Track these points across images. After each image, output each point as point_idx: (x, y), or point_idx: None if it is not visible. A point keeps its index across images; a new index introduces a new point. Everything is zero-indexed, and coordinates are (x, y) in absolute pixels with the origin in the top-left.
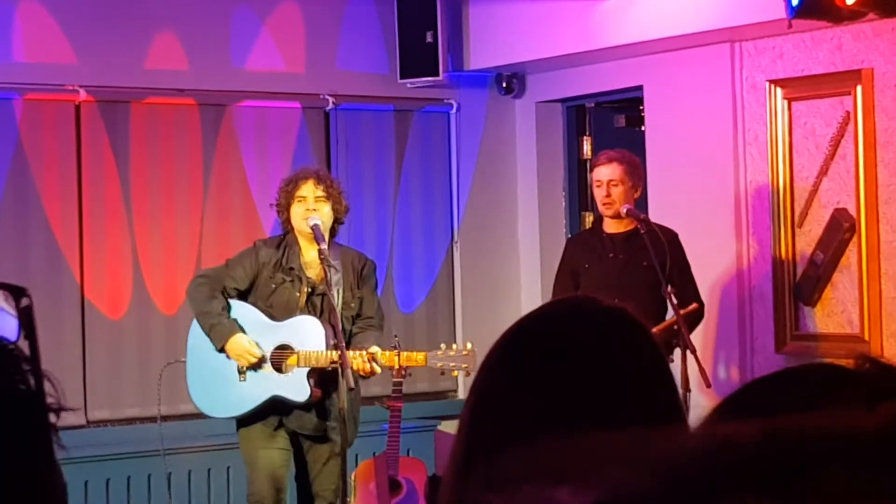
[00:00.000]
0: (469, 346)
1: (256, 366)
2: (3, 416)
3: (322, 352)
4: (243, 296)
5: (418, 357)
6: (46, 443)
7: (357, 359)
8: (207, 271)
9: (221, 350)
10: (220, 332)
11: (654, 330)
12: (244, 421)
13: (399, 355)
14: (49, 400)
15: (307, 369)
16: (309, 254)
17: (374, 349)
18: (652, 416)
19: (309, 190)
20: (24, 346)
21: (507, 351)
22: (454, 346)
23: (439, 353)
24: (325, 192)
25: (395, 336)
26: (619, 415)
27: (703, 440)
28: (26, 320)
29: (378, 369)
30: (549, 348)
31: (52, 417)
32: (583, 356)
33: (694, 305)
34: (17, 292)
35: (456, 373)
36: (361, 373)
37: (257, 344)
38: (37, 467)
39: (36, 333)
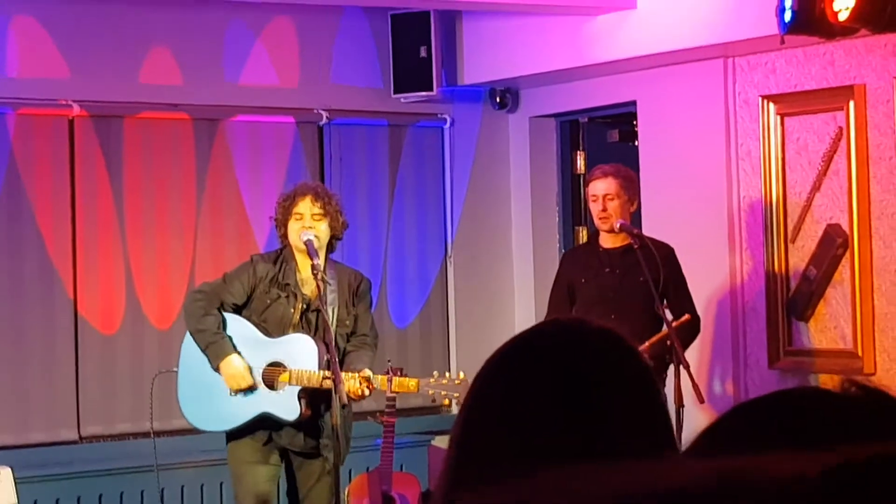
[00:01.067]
0: (462, 375)
1: None
2: None
3: (314, 372)
4: (239, 310)
5: (410, 384)
6: None
7: (350, 381)
8: (204, 286)
9: (217, 369)
10: (216, 351)
11: (646, 344)
12: (234, 435)
13: (391, 381)
14: None
15: (298, 388)
16: (305, 270)
17: (368, 373)
18: (641, 438)
19: (306, 206)
20: None
21: (496, 373)
22: (447, 375)
23: (432, 380)
24: (323, 209)
25: (389, 361)
26: (608, 438)
27: (662, 485)
28: None
29: (368, 394)
30: (538, 371)
31: None
32: (572, 379)
33: (686, 317)
34: None
35: (447, 401)
36: (353, 396)
37: (250, 369)
38: None
39: None
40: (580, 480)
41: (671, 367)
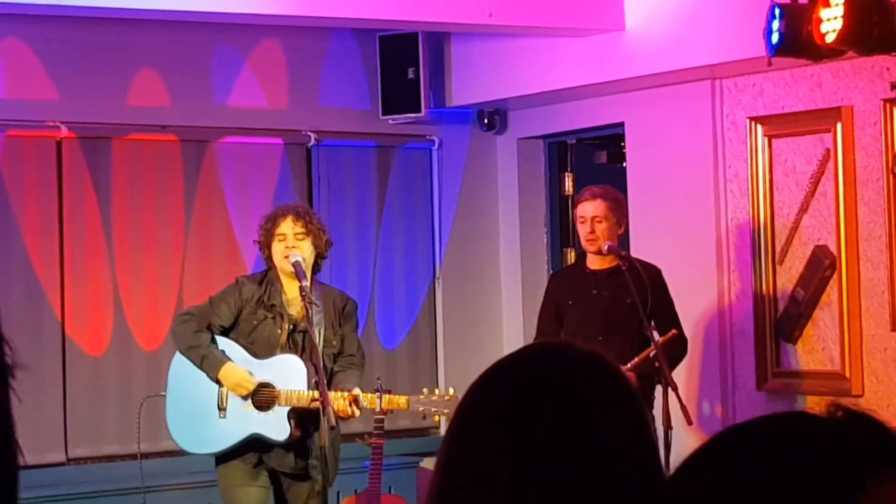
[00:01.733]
0: (451, 391)
1: (237, 403)
2: None
3: (304, 391)
4: (226, 333)
5: (400, 401)
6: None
7: (339, 400)
8: (191, 309)
9: (216, 380)
10: (213, 362)
11: (632, 363)
12: (223, 458)
13: (381, 398)
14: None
15: (288, 408)
16: (291, 291)
17: (356, 391)
18: (628, 460)
19: (288, 227)
20: None
21: (482, 396)
22: (436, 391)
23: (421, 397)
24: (305, 229)
25: (378, 379)
26: (595, 460)
27: None
28: None
29: (358, 412)
30: (523, 395)
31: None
32: (558, 402)
33: (672, 332)
34: None
35: (437, 417)
36: (342, 415)
37: (251, 373)
38: None
39: None
40: None
41: (659, 389)
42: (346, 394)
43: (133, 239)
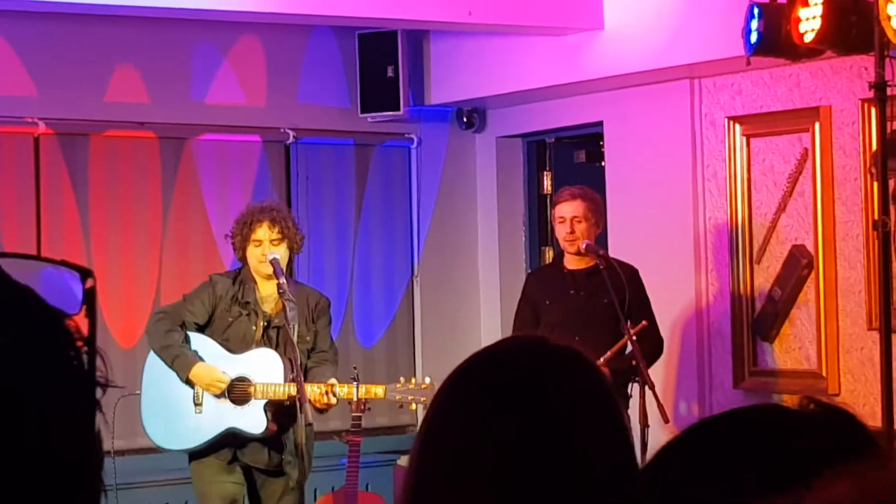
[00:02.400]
0: (428, 380)
1: (213, 397)
2: (53, 390)
3: (280, 385)
4: (201, 330)
5: (377, 390)
6: (91, 418)
7: (315, 391)
8: (165, 308)
9: (187, 381)
10: (184, 362)
11: (604, 358)
12: (197, 454)
13: (358, 388)
14: (98, 376)
15: (264, 402)
16: (265, 289)
17: (333, 381)
18: (602, 454)
19: (264, 233)
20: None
21: (456, 391)
22: (413, 380)
23: (398, 385)
24: (281, 234)
25: (355, 368)
26: (569, 454)
27: None
28: (90, 300)
29: (334, 401)
30: (497, 388)
31: (98, 393)
32: (532, 396)
33: (643, 323)
34: (83, 273)
35: (414, 406)
36: (319, 405)
37: (223, 372)
38: (80, 442)
39: (96, 314)
40: None
41: (636, 388)
42: (322, 385)
43: (110, 236)
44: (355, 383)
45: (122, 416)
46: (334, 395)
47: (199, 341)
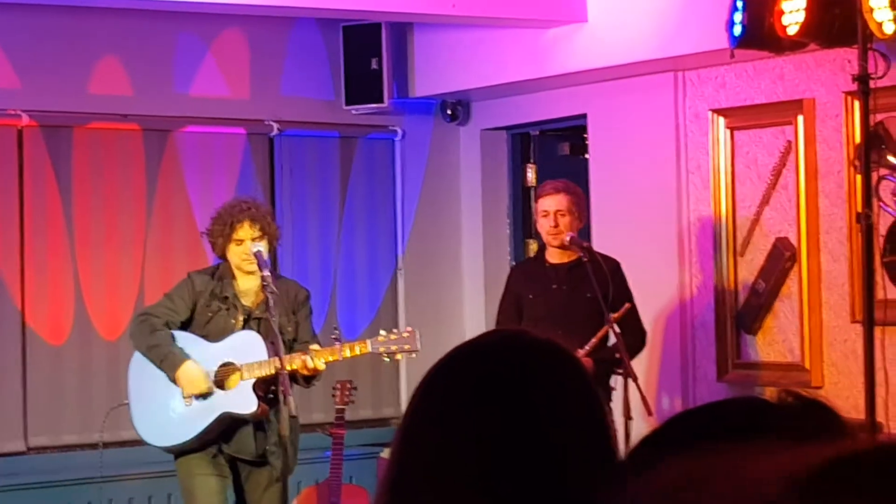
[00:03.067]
0: (409, 328)
1: None
2: None
3: (266, 361)
4: (184, 327)
5: (361, 346)
6: None
7: (296, 360)
8: (148, 308)
9: (174, 380)
10: (172, 362)
11: (589, 346)
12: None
13: (342, 348)
14: None
15: (252, 381)
16: (244, 283)
17: (315, 346)
18: (583, 446)
19: (246, 233)
20: None
21: (437, 383)
22: (394, 331)
23: (380, 338)
24: (262, 231)
25: (336, 328)
26: (550, 446)
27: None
28: None
29: (321, 365)
30: (477, 383)
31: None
32: (513, 389)
33: (627, 305)
34: None
35: (400, 356)
36: (307, 372)
37: (206, 374)
38: None
39: None
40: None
41: (620, 380)
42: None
43: (94, 228)
44: (338, 343)
45: (107, 408)
46: (319, 357)
47: (180, 337)
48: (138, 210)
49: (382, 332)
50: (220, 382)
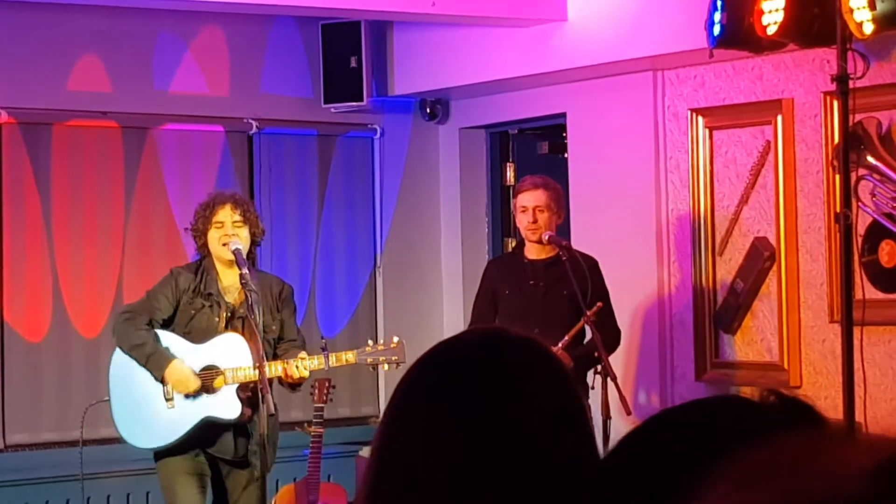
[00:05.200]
0: (396, 339)
1: None
2: None
3: (249, 367)
4: (166, 325)
5: (347, 356)
6: None
7: (289, 366)
8: (130, 306)
9: (161, 380)
10: (158, 361)
11: (562, 342)
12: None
13: (328, 357)
14: None
15: (236, 386)
16: (227, 278)
17: (303, 354)
18: (561, 445)
19: (226, 215)
20: None
21: (416, 382)
22: (381, 341)
23: (368, 348)
24: (243, 217)
25: (323, 338)
26: (528, 445)
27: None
28: None
29: (306, 374)
30: (457, 379)
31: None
32: (491, 387)
33: (599, 304)
34: None
35: (386, 366)
36: (292, 380)
37: (193, 371)
38: None
39: None
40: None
41: (598, 379)
42: (293, 360)
43: (73, 225)
44: (325, 353)
45: (85, 405)
46: (305, 368)
47: (165, 337)
48: (117, 207)
49: (370, 343)
50: (204, 387)
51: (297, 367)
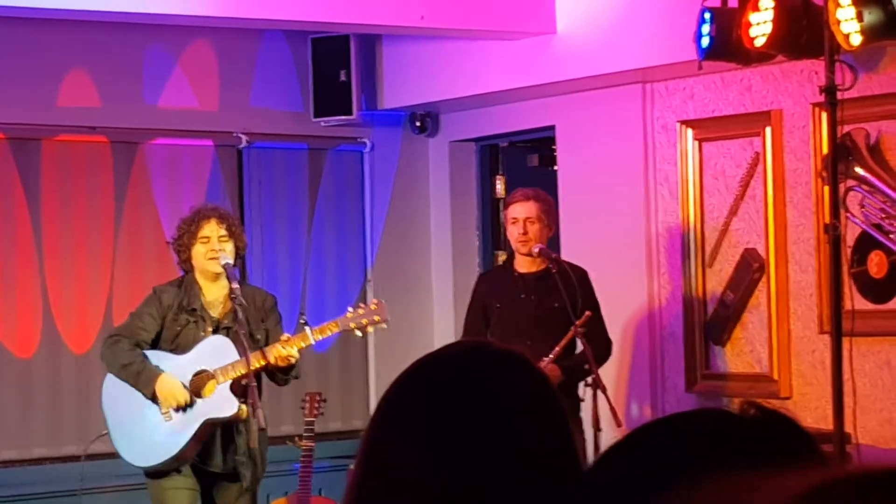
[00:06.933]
0: (376, 300)
1: None
2: None
3: (239, 361)
4: (153, 344)
5: (331, 326)
6: None
7: (269, 353)
8: (117, 329)
9: (152, 396)
10: (147, 377)
11: (552, 353)
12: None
13: (312, 331)
14: None
15: (229, 383)
16: (210, 293)
17: (285, 335)
18: (546, 457)
19: (212, 230)
20: None
21: (402, 393)
22: (361, 305)
23: (349, 315)
24: (228, 231)
25: (302, 314)
26: (512, 457)
27: None
28: None
29: (295, 353)
30: (440, 394)
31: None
32: (477, 400)
33: (588, 313)
34: None
35: (371, 328)
36: (281, 363)
37: (182, 384)
38: None
39: None
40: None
41: (589, 391)
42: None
43: (63, 241)
44: (308, 328)
45: (80, 420)
46: (291, 345)
47: (153, 357)
48: (107, 222)
49: (350, 308)
50: (197, 392)
51: (281, 347)
